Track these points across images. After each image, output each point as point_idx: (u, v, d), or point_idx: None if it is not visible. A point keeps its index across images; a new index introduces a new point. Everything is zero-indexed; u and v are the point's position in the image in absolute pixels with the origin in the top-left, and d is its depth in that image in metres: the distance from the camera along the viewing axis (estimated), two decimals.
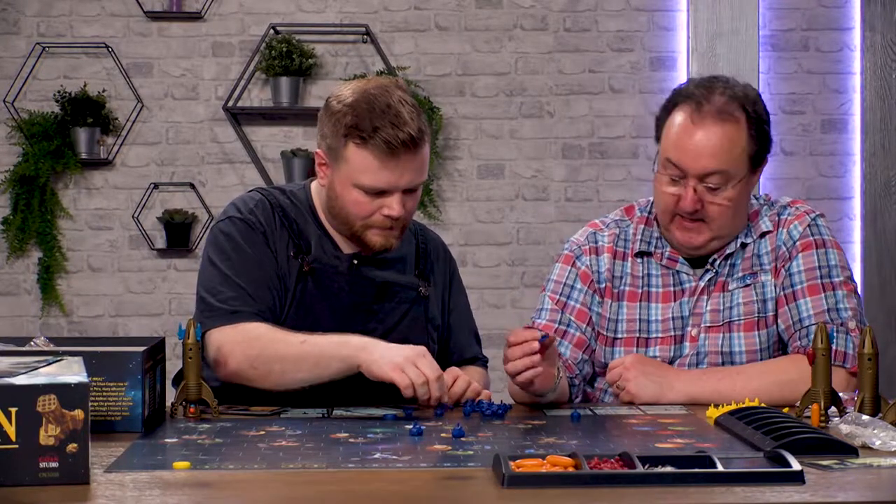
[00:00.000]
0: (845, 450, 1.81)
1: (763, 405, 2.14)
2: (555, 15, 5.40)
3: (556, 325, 2.51)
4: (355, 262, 2.47)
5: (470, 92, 5.42)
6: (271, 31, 5.30)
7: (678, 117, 2.43)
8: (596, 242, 2.56)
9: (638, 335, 2.48)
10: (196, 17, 5.35)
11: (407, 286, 2.52)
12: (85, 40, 5.35)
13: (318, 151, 2.44)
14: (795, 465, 1.64)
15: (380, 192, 2.37)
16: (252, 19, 5.39)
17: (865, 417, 1.95)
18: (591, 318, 2.51)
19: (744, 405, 2.13)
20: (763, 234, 2.48)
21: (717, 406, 2.18)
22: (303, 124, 5.37)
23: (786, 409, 2.13)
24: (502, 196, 5.43)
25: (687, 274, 2.49)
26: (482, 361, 2.65)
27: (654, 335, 2.47)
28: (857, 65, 5.41)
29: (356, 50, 5.40)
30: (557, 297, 2.54)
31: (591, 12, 5.40)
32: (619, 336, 2.50)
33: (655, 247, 2.52)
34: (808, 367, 2.12)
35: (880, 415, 2.03)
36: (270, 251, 2.43)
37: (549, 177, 5.43)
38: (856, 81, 5.41)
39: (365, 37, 5.37)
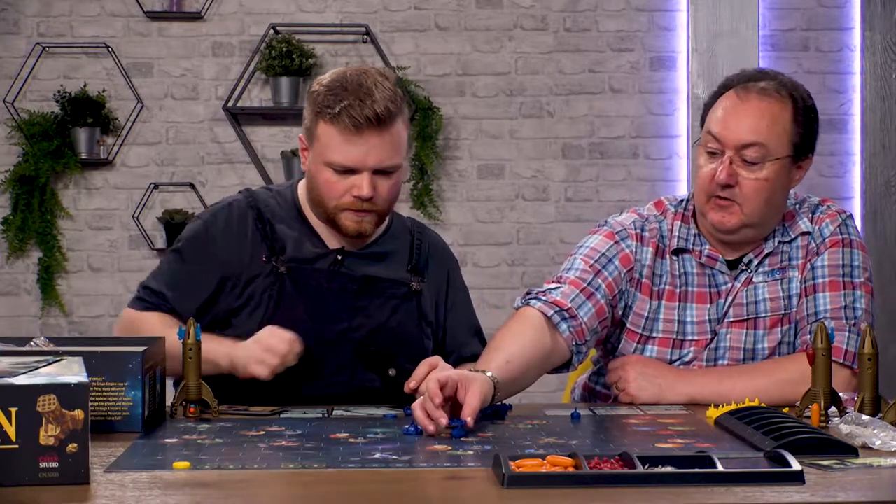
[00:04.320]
0: (845, 450, 1.81)
1: (763, 405, 2.14)
2: (555, 15, 5.40)
3: (585, 285, 2.41)
4: (339, 257, 2.46)
5: (470, 92, 5.42)
6: (271, 31, 5.30)
7: (725, 98, 2.44)
8: (642, 231, 2.49)
9: (674, 336, 2.45)
10: (196, 17, 5.35)
11: (396, 281, 2.50)
12: (85, 40, 5.35)
13: (300, 136, 2.48)
14: (795, 465, 1.64)
15: (349, 171, 2.38)
16: (252, 19, 5.39)
17: (865, 417, 1.95)
18: (616, 296, 2.44)
19: (744, 405, 2.13)
20: (803, 234, 2.47)
21: (717, 406, 2.17)
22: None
23: (786, 409, 2.13)
24: (502, 196, 5.43)
25: (724, 274, 2.46)
26: None
27: (689, 337, 2.45)
28: (857, 65, 5.41)
29: (356, 50, 5.40)
30: (592, 262, 2.45)
31: (591, 12, 5.40)
32: (655, 335, 2.46)
33: (693, 244, 2.48)
34: (809, 366, 2.12)
35: (880, 415, 2.03)
36: (214, 263, 2.45)
37: (549, 177, 5.43)
38: (856, 81, 5.41)
39: (365, 37, 5.37)
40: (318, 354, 2.40)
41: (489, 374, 2.13)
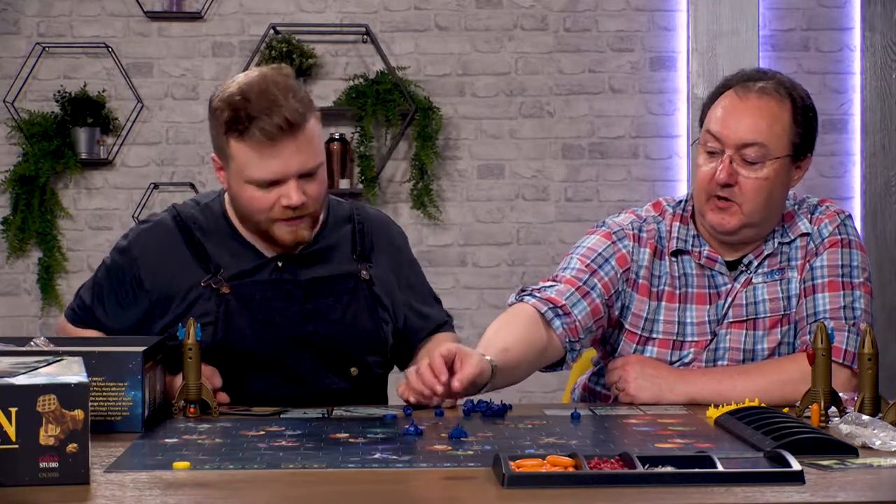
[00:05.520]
0: (845, 450, 1.80)
1: (763, 405, 2.14)
2: (555, 15, 5.40)
3: (581, 284, 2.41)
4: (280, 263, 2.39)
5: (470, 92, 5.42)
6: (271, 31, 5.30)
7: (724, 98, 2.44)
8: (640, 231, 2.49)
9: (674, 338, 2.45)
10: (196, 17, 5.35)
11: (343, 275, 2.43)
12: (85, 40, 5.35)
13: (213, 157, 2.37)
14: (795, 465, 1.64)
15: (273, 183, 2.28)
16: (252, 19, 5.39)
17: (865, 417, 1.95)
18: (612, 295, 2.44)
19: (744, 405, 2.13)
20: (803, 235, 2.47)
21: (717, 406, 2.17)
22: None
23: (786, 409, 2.13)
24: (502, 196, 5.43)
25: (723, 275, 2.46)
26: (449, 325, 2.61)
27: (689, 338, 2.44)
28: (857, 65, 5.41)
29: (356, 50, 5.41)
30: (588, 261, 2.45)
31: (591, 12, 5.40)
32: (655, 336, 2.45)
33: (692, 245, 2.48)
34: (809, 366, 2.12)
35: (880, 415, 2.03)
36: (139, 289, 2.39)
37: (549, 177, 5.43)
38: (856, 81, 5.41)
39: (365, 37, 5.37)
40: (277, 366, 2.37)
41: (488, 357, 2.13)
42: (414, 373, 2.02)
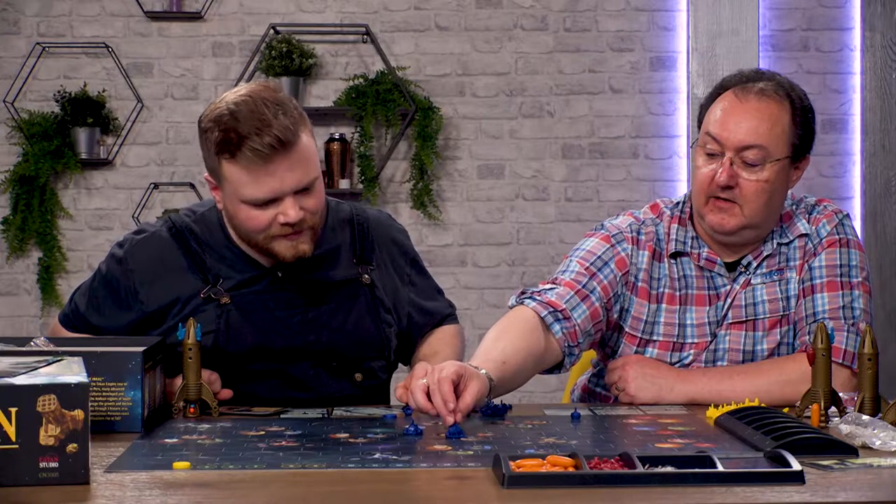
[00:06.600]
0: (845, 450, 1.81)
1: (763, 405, 2.14)
2: (555, 15, 5.40)
3: (580, 287, 2.41)
4: (280, 272, 2.36)
5: (470, 92, 5.42)
6: (271, 31, 5.30)
7: (723, 99, 2.44)
8: (639, 234, 2.49)
9: (675, 339, 2.44)
10: (196, 17, 5.35)
11: (344, 281, 2.41)
12: (85, 40, 5.35)
13: (206, 176, 2.36)
14: (795, 465, 1.64)
15: (269, 202, 2.24)
16: (252, 19, 5.39)
17: (865, 417, 1.95)
18: (611, 299, 2.44)
19: (744, 405, 2.13)
20: (801, 235, 2.47)
21: (717, 406, 2.17)
22: None
23: (786, 409, 2.13)
24: (502, 196, 5.43)
25: (722, 276, 2.46)
26: (452, 316, 2.60)
27: (689, 340, 2.44)
28: (857, 65, 5.41)
29: (356, 50, 5.41)
30: (588, 264, 2.44)
31: (591, 12, 5.40)
32: (655, 339, 2.45)
33: (691, 247, 2.48)
34: (809, 366, 2.12)
35: (880, 415, 2.03)
36: (132, 301, 2.37)
37: (549, 177, 5.43)
38: (856, 81, 5.41)
39: (365, 37, 5.37)
40: (279, 374, 2.36)
41: (483, 371, 2.13)
42: (420, 391, 1.98)
